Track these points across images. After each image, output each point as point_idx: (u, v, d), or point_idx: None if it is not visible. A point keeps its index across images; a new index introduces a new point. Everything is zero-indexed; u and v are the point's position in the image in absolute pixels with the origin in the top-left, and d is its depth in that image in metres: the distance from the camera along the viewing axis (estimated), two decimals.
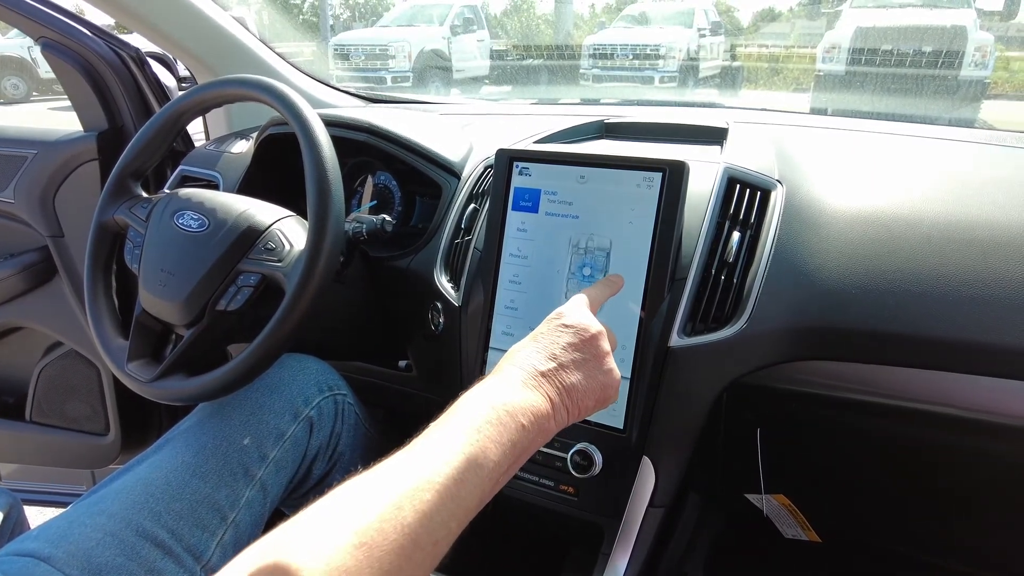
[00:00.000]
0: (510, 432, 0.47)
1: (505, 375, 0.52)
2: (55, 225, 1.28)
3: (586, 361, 0.55)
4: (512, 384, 0.51)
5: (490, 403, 0.48)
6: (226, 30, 1.25)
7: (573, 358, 0.54)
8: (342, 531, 0.36)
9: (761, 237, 0.73)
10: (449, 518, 0.41)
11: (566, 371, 0.53)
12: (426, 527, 0.39)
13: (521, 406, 0.49)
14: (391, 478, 0.41)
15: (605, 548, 0.73)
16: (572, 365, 0.54)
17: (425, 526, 0.39)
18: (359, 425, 0.87)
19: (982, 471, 0.74)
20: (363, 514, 0.38)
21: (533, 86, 7.16)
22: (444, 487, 0.41)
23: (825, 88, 5.55)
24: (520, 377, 0.52)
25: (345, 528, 0.37)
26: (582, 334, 0.56)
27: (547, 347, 0.55)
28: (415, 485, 0.40)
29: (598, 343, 0.56)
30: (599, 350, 0.56)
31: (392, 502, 0.39)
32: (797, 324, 0.69)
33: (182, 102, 0.83)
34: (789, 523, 0.91)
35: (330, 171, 0.72)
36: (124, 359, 0.78)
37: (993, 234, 0.68)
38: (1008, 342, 0.62)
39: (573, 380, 0.53)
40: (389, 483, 0.40)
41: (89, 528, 0.63)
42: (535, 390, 0.51)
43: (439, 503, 0.41)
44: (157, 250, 0.77)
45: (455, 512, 0.42)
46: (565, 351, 0.54)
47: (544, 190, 0.75)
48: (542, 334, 0.56)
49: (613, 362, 0.57)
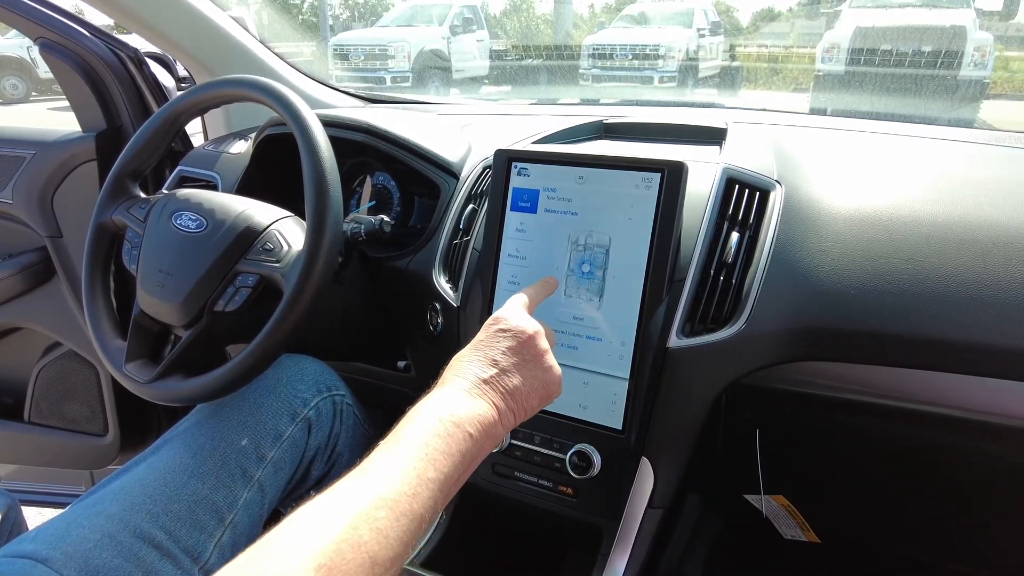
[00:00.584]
0: (458, 443, 0.48)
1: (450, 386, 0.53)
2: (53, 225, 1.27)
3: (525, 362, 0.57)
4: (457, 395, 0.52)
5: (437, 416, 0.49)
6: (225, 30, 1.25)
7: (513, 361, 0.56)
8: (301, 556, 0.37)
9: (760, 238, 0.73)
10: (404, 533, 0.42)
11: (507, 375, 0.55)
12: (383, 544, 0.40)
13: (468, 416, 0.50)
14: (346, 500, 0.42)
15: (604, 549, 0.72)
16: (513, 368, 0.56)
17: (382, 544, 0.40)
18: (358, 426, 0.87)
19: (981, 471, 0.74)
20: (320, 538, 0.38)
21: (532, 86, 7.16)
22: (398, 504, 0.42)
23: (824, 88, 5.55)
24: (464, 387, 0.53)
25: (303, 553, 0.37)
26: (519, 336, 0.57)
27: (487, 354, 0.56)
28: (370, 504, 0.41)
29: (536, 343, 0.58)
30: (537, 349, 0.58)
31: (348, 523, 0.40)
32: (796, 325, 0.69)
33: (180, 102, 0.83)
34: (788, 524, 0.91)
35: (328, 172, 0.72)
36: (122, 360, 0.78)
37: (992, 234, 0.68)
38: (1007, 342, 0.62)
39: (515, 383, 0.55)
40: (344, 505, 0.41)
41: (87, 529, 0.63)
42: (480, 398, 0.53)
43: (394, 520, 0.42)
44: (155, 251, 0.77)
45: (409, 527, 0.43)
46: (505, 356, 0.56)
47: (543, 189, 0.74)
48: (481, 341, 0.58)
49: (552, 359, 0.59)
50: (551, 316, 0.73)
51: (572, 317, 0.72)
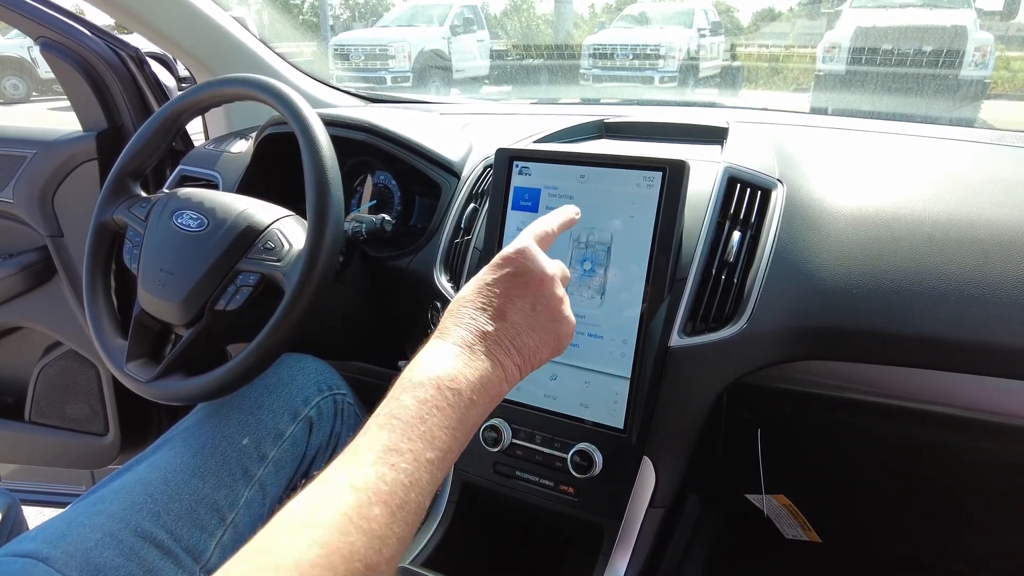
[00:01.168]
0: (460, 411, 0.43)
1: (450, 341, 0.47)
2: (54, 225, 1.27)
3: (537, 312, 0.50)
4: (458, 353, 0.46)
5: (435, 382, 0.43)
6: (226, 30, 1.25)
7: (524, 312, 0.49)
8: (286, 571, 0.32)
9: (761, 237, 0.72)
10: (402, 528, 0.37)
11: (516, 329, 0.48)
12: (378, 547, 0.35)
13: (470, 379, 0.44)
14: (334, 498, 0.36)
15: (605, 549, 0.72)
16: (523, 320, 0.49)
17: (377, 547, 0.35)
18: (359, 425, 0.87)
19: (983, 471, 0.74)
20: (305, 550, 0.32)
21: (533, 86, 7.16)
22: (393, 496, 0.37)
23: (825, 88, 5.55)
24: (466, 340, 0.46)
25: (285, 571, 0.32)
26: (533, 282, 0.50)
27: (494, 302, 0.49)
28: (362, 502, 0.35)
29: (552, 290, 0.51)
30: (552, 297, 0.51)
31: (337, 527, 0.34)
32: (798, 324, 0.69)
33: (181, 101, 0.83)
34: (790, 523, 0.91)
35: (329, 171, 0.72)
36: (123, 359, 0.78)
37: (994, 233, 0.67)
38: (1010, 342, 0.62)
39: (524, 338, 0.48)
40: (332, 505, 0.35)
41: (88, 528, 0.63)
42: (484, 356, 0.46)
43: (390, 516, 0.36)
44: (156, 250, 0.77)
45: (407, 519, 0.37)
46: (514, 305, 0.49)
47: (544, 188, 0.74)
48: (487, 285, 0.49)
49: (568, 308, 0.52)
50: None
51: (573, 315, 0.72)
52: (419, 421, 0.41)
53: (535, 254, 0.51)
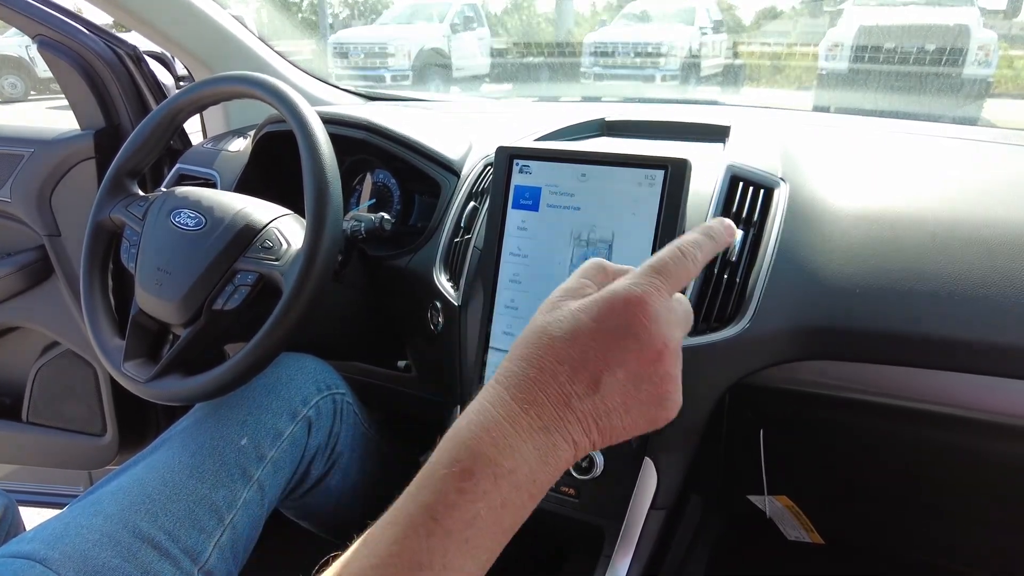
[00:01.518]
0: (514, 512, 0.34)
1: (526, 419, 0.35)
2: (52, 224, 1.27)
3: (640, 391, 0.38)
4: (528, 435, 0.35)
5: (494, 472, 0.33)
6: (225, 28, 1.24)
7: (622, 385, 0.37)
8: None
9: (764, 236, 0.72)
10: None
11: (608, 406, 0.37)
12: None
13: (538, 474, 0.35)
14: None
15: (606, 550, 0.72)
16: (619, 397, 0.37)
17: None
18: (358, 425, 0.87)
19: (987, 472, 0.74)
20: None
21: (534, 84, 7.14)
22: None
23: (828, 86, 5.54)
24: (545, 420, 0.35)
25: None
26: (647, 352, 0.37)
27: (588, 364, 0.36)
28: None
29: (667, 367, 0.38)
30: (666, 377, 0.38)
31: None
32: (800, 324, 0.68)
33: (179, 100, 0.82)
34: (792, 525, 0.91)
35: (328, 169, 0.71)
36: (120, 359, 0.77)
37: (998, 233, 0.67)
38: (1015, 341, 0.62)
39: (613, 419, 0.37)
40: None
41: (86, 529, 0.62)
42: (559, 432, 0.36)
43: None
44: (153, 249, 0.77)
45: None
46: (612, 373, 0.37)
47: (545, 186, 0.74)
48: (586, 334, 0.37)
49: (679, 388, 0.40)
50: None
51: None
52: (464, 526, 0.32)
53: (659, 311, 0.38)
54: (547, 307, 0.40)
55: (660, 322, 0.38)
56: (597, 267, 0.43)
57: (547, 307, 0.40)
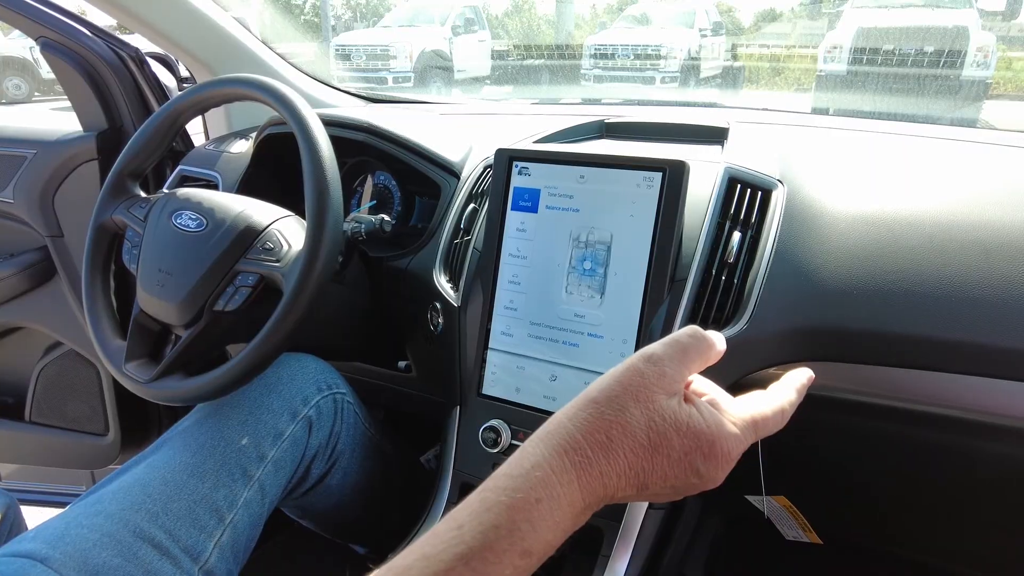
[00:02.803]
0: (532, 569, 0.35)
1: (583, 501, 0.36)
2: (54, 225, 1.28)
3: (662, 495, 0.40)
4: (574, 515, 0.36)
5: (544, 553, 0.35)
6: (226, 31, 1.25)
7: (658, 494, 0.39)
8: None
9: (762, 238, 0.72)
10: None
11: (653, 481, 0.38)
12: None
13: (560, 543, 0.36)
14: None
15: (604, 550, 0.72)
16: (647, 497, 0.39)
17: None
18: (358, 424, 0.87)
19: (984, 473, 0.74)
20: None
21: (534, 86, 7.15)
22: None
23: (827, 88, 5.54)
24: (589, 502, 0.36)
25: None
26: (704, 486, 0.39)
27: (648, 481, 0.38)
28: None
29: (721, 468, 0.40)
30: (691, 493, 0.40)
31: None
32: (798, 325, 0.68)
33: (180, 101, 0.83)
34: (790, 525, 0.91)
35: (328, 171, 0.72)
36: (122, 359, 0.78)
37: (995, 235, 0.67)
38: (1011, 343, 0.62)
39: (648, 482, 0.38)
40: None
41: (87, 529, 0.63)
42: (589, 511, 0.37)
43: None
44: (155, 250, 0.77)
45: None
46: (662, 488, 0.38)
47: (544, 188, 0.74)
48: (668, 460, 0.38)
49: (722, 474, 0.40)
50: (552, 313, 0.73)
51: (573, 314, 0.72)
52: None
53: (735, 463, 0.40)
54: (635, 389, 0.39)
55: (727, 471, 0.40)
56: (697, 348, 0.43)
57: (635, 389, 0.39)
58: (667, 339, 0.43)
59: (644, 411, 0.38)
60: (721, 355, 0.46)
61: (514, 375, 0.75)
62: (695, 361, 0.43)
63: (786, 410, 0.46)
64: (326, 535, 0.92)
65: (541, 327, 0.74)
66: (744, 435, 0.41)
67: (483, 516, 0.34)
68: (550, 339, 0.73)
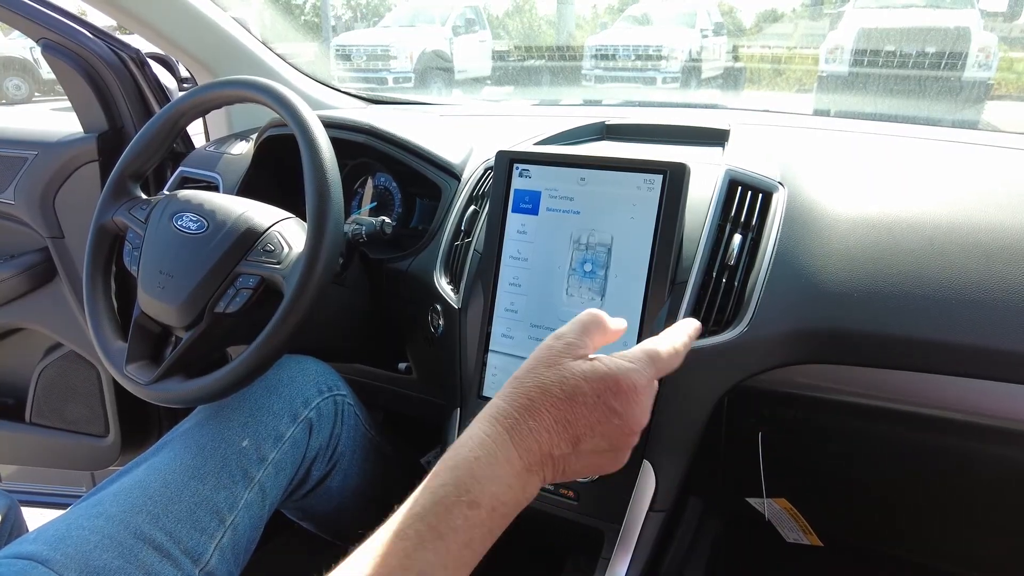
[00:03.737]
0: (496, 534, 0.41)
1: (521, 459, 0.42)
2: (55, 226, 1.28)
3: (605, 454, 0.46)
4: (520, 474, 0.42)
5: (493, 504, 0.40)
6: (226, 31, 1.25)
7: (597, 446, 0.45)
8: None
9: (763, 240, 0.72)
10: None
11: (578, 459, 0.44)
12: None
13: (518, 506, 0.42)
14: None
15: (605, 553, 0.72)
16: (588, 453, 0.45)
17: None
18: (359, 426, 0.87)
19: (986, 476, 0.74)
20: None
21: (535, 87, 7.15)
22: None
23: (828, 89, 5.53)
24: (532, 463, 0.42)
25: None
26: (626, 426, 0.45)
27: (576, 426, 0.43)
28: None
29: (633, 440, 0.47)
30: (628, 444, 0.47)
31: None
32: (799, 327, 0.68)
33: (181, 103, 0.83)
34: (791, 527, 0.91)
35: (329, 173, 0.72)
36: (123, 361, 0.78)
37: (996, 237, 0.67)
38: (1011, 346, 0.62)
39: (576, 466, 0.45)
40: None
41: (87, 530, 0.63)
42: (538, 475, 0.43)
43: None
44: (156, 252, 0.77)
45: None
46: (593, 436, 0.44)
47: (544, 190, 0.74)
48: (584, 405, 0.44)
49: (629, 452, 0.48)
50: (553, 315, 0.73)
51: (574, 316, 0.72)
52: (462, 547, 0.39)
53: (647, 399, 0.47)
54: (546, 359, 0.46)
55: (645, 407, 0.47)
56: (597, 324, 0.50)
57: (546, 359, 0.46)
58: (571, 320, 0.50)
59: (556, 372, 0.45)
60: (620, 333, 0.52)
61: None
62: (595, 335, 0.49)
63: (679, 350, 0.51)
64: (326, 537, 0.91)
65: (542, 329, 0.74)
66: (641, 366, 0.47)
67: (431, 481, 0.41)
68: None
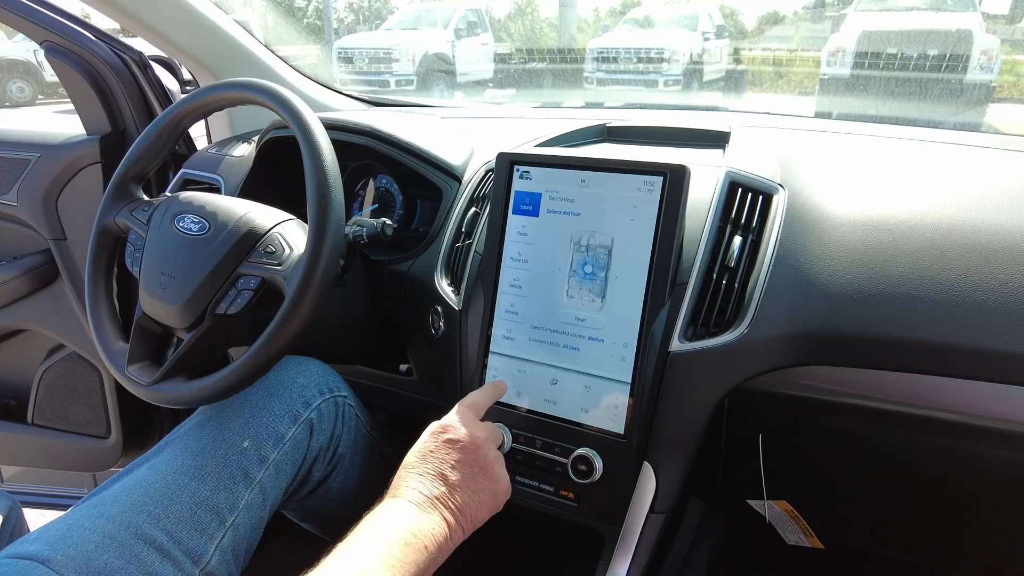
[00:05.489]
0: (416, 553, 0.52)
1: (403, 499, 0.56)
2: (58, 228, 1.28)
3: (475, 475, 0.59)
4: (410, 509, 0.55)
5: (396, 526, 0.53)
6: (229, 34, 1.25)
7: (462, 476, 0.58)
8: None
9: (763, 242, 0.72)
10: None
11: (457, 492, 0.57)
12: None
13: (423, 530, 0.54)
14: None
15: (605, 554, 0.72)
16: (462, 484, 0.58)
17: None
18: (360, 427, 0.87)
19: (986, 477, 0.74)
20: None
21: (537, 89, 7.16)
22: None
23: (829, 92, 5.53)
24: (416, 501, 0.56)
25: None
26: (468, 448, 0.59)
27: (436, 467, 0.58)
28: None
29: (484, 453, 0.60)
30: (486, 460, 0.60)
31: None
32: (799, 329, 0.68)
33: (184, 106, 0.83)
34: (792, 529, 0.91)
35: (330, 175, 0.72)
36: (124, 362, 0.78)
37: (996, 239, 0.67)
38: (1012, 347, 0.62)
39: (465, 499, 0.57)
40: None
41: (88, 531, 0.63)
42: (432, 512, 0.56)
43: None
44: (158, 253, 0.77)
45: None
46: (453, 469, 0.58)
47: (545, 192, 0.74)
48: (431, 452, 0.59)
49: (502, 467, 0.62)
50: (553, 316, 0.73)
51: (574, 318, 0.72)
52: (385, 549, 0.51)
53: (470, 422, 0.62)
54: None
55: (469, 426, 0.61)
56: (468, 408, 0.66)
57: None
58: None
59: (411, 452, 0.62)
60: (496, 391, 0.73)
61: (515, 379, 0.75)
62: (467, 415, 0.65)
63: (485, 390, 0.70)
64: (327, 538, 0.91)
65: (542, 331, 0.74)
66: (454, 407, 0.64)
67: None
68: (551, 343, 0.73)
